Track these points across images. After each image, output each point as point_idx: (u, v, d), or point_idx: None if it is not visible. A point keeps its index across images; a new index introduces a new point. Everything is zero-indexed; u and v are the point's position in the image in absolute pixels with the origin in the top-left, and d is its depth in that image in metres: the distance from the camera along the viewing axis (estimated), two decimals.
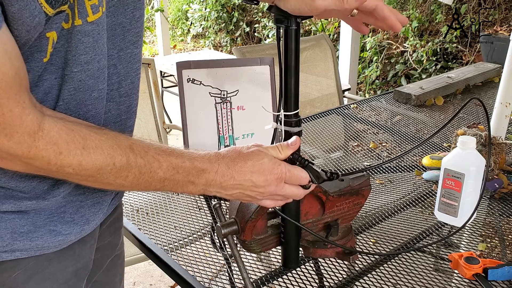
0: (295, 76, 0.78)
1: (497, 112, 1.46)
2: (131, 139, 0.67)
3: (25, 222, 0.69)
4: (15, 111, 0.55)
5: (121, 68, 0.73)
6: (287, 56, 0.77)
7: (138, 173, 0.65)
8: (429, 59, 4.38)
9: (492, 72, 2.31)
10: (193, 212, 1.22)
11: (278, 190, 0.75)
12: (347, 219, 0.97)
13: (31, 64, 0.60)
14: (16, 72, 0.54)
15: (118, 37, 0.71)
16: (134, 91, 0.78)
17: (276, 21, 0.76)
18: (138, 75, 0.77)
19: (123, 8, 0.70)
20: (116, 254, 0.95)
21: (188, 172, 0.69)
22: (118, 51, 0.72)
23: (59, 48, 0.61)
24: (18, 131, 0.56)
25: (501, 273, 0.94)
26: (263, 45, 4.04)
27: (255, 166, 0.72)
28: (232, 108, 1.30)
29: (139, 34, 0.74)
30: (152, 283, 2.38)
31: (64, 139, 0.59)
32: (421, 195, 1.29)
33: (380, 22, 0.76)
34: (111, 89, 0.73)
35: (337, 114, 1.90)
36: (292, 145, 0.77)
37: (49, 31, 0.58)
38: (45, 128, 0.58)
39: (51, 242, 0.71)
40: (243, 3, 6.37)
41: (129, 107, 0.78)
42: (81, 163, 0.61)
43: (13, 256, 0.69)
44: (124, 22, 0.70)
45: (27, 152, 0.57)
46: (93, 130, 0.63)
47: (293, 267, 0.97)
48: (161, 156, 0.67)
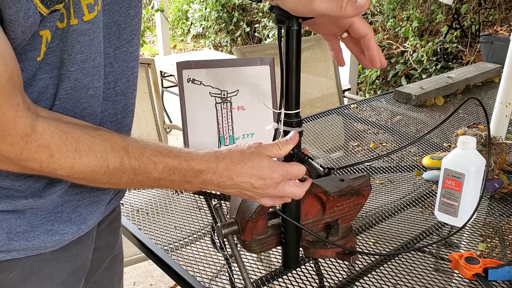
0: (296, 76, 0.78)
1: (497, 112, 1.46)
2: (127, 139, 0.66)
3: (21, 222, 0.69)
4: (8, 114, 0.55)
5: (117, 66, 0.73)
6: (289, 56, 0.77)
7: (132, 174, 0.65)
8: (429, 59, 4.38)
9: (492, 72, 2.31)
10: (193, 212, 1.22)
11: (277, 192, 0.75)
12: (347, 219, 0.97)
13: (24, 63, 0.59)
14: (10, 75, 0.54)
15: (113, 36, 0.70)
16: (130, 90, 0.77)
17: (277, 21, 0.76)
18: (134, 74, 0.77)
19: (118, 6, 0.69)
20: (115, 254, 0.95)
21: (185, 173, 0.69)
22: (114, 49, 0.71)
23: (54, 47, 0.61)
24: (11, 134, 0.56)
25: (501, 273, 0.94)
26: (263, 45, 4.05)
27: (254, 168, 0.71)
28: (232, 108, 1.30)
29: (135, 32, 0.74)
30: (152, 283, 2.38)
31: (56, 142, 0.59)
32: (421, 195, 1.29)
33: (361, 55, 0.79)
34: (107, 87, 0.72)
35: (337, 114, 1.90)
36: (291, 139, 0.76)
37: (43, 30, 0.58)
38: (38, 130, 0.58)
39: (48, 241, 0.71)
40: (243, 3, 6.37)
41: (125, 106, 0.77)
42: (74, 165, 0.61)
43: (10, 256, 0.69)
44: (119, 20, 0.70)
45: (19, 154, 0.57)
46: (87, 131, 0.63)
47: (293, 267, 0.97)
48: (156, 158, 0.66)
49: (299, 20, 0.75)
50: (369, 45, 0.76)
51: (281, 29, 0.76)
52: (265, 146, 0.75)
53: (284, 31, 0.76)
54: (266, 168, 0.72)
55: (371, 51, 0.76)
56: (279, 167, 0.73)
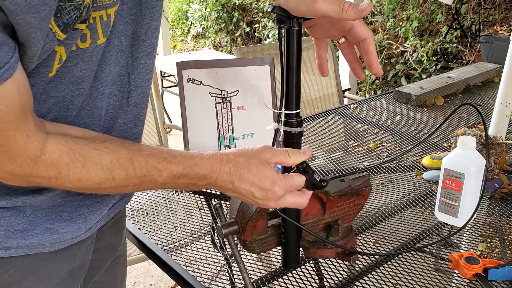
0: (297, 76, 0.78)
1: (497, 112, 1.46)
2: (132, 149, 0.67)
3: (20, 221, 0.69)
4: (20, 140, 0.57)
5: (133, 78, 0.73)
6: (289, 57, 0.76)
7: (138, 182, 0.67)
8: (429, 59, 4.38)
9: (492, 72, 2.31)
10: (193, 212, 1.22)
11: (279, 205, 0.76)
12: (347, 219, 0.97)
13: (35, 78, 0.60)
14: (23, 104, 0.56)
15: (134, 47, 0.70)
16: (143, 101, 0.77)
17: (278, 21, 0.76)
18: (148, 86, 0.77)
19: (141, 18, 0.69)
20: (117, 255, 0.95)
21: (189, 178, 0.70)
22: (132, 61, 0.71)
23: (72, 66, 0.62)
24: (21, 156, 0.58)
25: (501, 273, 0.94)
26: (263, 45, 4.05)
27: (256, 176, 0.71)
28: (232, 108, 1.30)
29: (154, 45, 0.74)
30: (152, 283, 2.38)
31: (65, 161, 0.61)
32: (421, 195, 1.29)
33: (355, 63, 0.80)
34: (122, 97, 0.73)
35: (337, 114, 1.90)
36: (304, 153, 0.76)
37: (58, 46, 0.58)
38: (48, 151, 0.59)
39: (47, 240, 0.71)
40: (243, 3, 6.38)
41: (137, 116, 0.77)
42: (81, 180, 0.63)
43: (7, 254, 0.69)
44: (140, 32, 0.70)
45: (28, 173, 0.59)
46: (94, 145, 0.64)
47: (294, 267, 0.97)
48: (161, 165, 0.67)
49: (300, 20, 0.75)
50: (368, 49, 0.76)
51: (282, 29, 0.76)
52: (273, 150, 0.74)
53: (284, 31, 0.76)
54: (268, 179, 0.72)
55: (370, 55, 0.76)
56: (281, 181, 0.73)
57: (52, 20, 0.53)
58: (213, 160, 0.70)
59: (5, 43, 0.50)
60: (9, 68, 0.51)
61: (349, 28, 0.76)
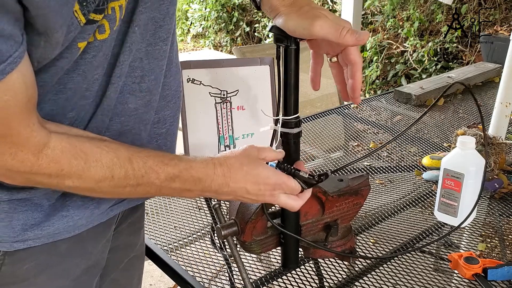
0: (295, 93, 0.80)
1: (497, 112, 1.46)
2: (131, 149, 0.68)
3: (37, 215, 0.70)
4: (23, 134, 0.57)
5: (147, 63, 0.72)
6: (287, 75, 0.78)
7: (135, 183, 0.67)
8: (430, 59, 4.38)
9: (492, 72, 2.31)
10: (193, 213, 1.22)
11: (272, 201, 0.76)
12: (346, 219, 0.97)
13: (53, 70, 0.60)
14: (29, 98, 0.56)
15: (149, 32, 0.70)
16: (156, 87, 0.76)
17: (276, 40, 0.77)
18: (162, 72, 0.76)
19: (158, 3, 0.69)
20: (134, 255, 0.96)
21: (184, 181, 0.70)
22: (147, 45, 0.71)
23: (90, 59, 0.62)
24: (23, 150, 0.58)
25: (500, 273, 0.94)
26: (263, 45, 4.05)
27: (249, 173, 0.73)
28: (232, 108, 1.30)
29: (171, 31, 0.74)
30: (152, 283, 2.38)
31: (67, 157, 0.61)
32: (421, 195, 1.29)
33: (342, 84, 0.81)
34: (132, 81, 0.72)
35: (337, 114, 1.90)
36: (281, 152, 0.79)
37: (81, 41, 0.59)
38: (50, 147, 0.60)
39: (62, 228, 0.72)
40: (243, 3, 6.38)
41: (149, 102, 0.76)
42: (81, 177, 0.63)
43: (25, 245, 0.70)
44: (157, 17, 0.69)
45: (29, 169, 0.60)
46: (94, 143, 0.65)
47: (293, 268, 0.97)
48: (158, 167, 0.68)
49: (297, 39, 0.76)
50: (355, 74, 0.77)
51: (280, 47, 0.77)
52: (258, 147, 0.76)
53: (282, 49, 0.77)
54: (261, 174, 0.74)
55: (355, 80, 0.78)
56: (274, 174, 0.75)
57: (78, 8, 0.54)
58: (206, 163, 0.72)
59: (12, 37, 0.50)
60: (11, 63, 0.51)
61: (343, 48, 0.77)
